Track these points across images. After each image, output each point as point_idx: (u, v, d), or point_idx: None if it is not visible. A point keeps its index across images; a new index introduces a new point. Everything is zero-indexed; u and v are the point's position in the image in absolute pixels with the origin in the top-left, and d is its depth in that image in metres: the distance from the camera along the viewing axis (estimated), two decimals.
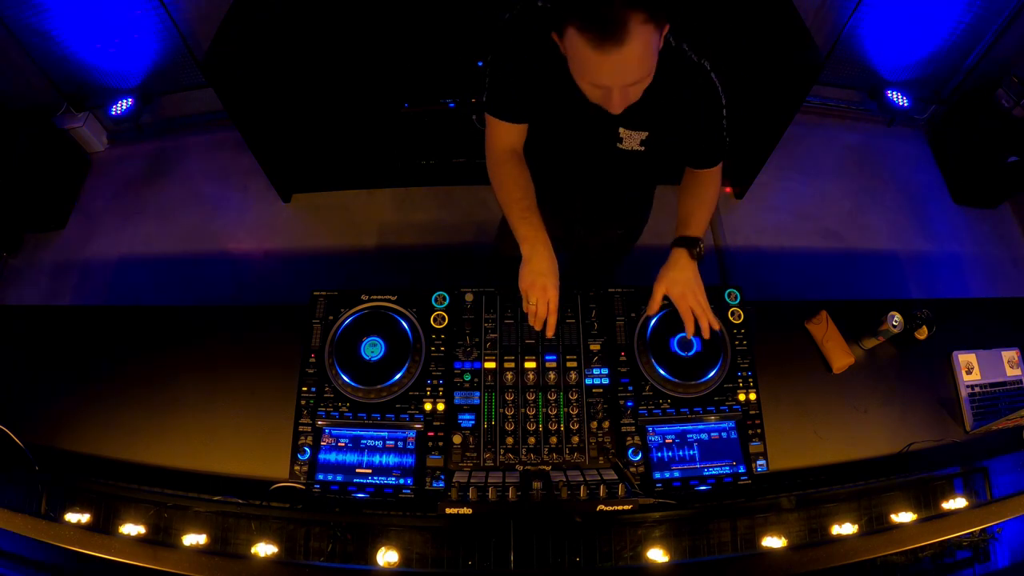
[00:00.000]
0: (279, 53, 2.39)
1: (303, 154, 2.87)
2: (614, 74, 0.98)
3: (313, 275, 2.81)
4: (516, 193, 1.32)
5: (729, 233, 3.01)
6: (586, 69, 0.99)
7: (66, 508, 1.21)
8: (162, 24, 2.78)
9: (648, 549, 1.17)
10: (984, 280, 2.96)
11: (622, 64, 0.95)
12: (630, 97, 1.05)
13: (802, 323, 1.61)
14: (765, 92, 2.51)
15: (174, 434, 1.40)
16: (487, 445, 1.34)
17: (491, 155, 1.35)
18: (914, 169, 3.33)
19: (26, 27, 2.66)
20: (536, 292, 1.30)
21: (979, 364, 1.57)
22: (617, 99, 1.03)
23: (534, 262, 1.30)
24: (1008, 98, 2.80)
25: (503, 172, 1.34)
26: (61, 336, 1.58)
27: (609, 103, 1.05)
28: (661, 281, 1.36)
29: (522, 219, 1.31)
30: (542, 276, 1.29)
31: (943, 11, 2.83)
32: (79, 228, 3.02)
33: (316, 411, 1.36)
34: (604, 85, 1.01)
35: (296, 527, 1.22)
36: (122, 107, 3.02)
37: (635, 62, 0.96)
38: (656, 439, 1.36)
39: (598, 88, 1.02)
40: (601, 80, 1.00)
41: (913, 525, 1.17)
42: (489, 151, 1.35)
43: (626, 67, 0.97)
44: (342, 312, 1.46)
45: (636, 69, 0.98)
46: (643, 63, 0.98)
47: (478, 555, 1.13)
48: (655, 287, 1.37)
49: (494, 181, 1.36)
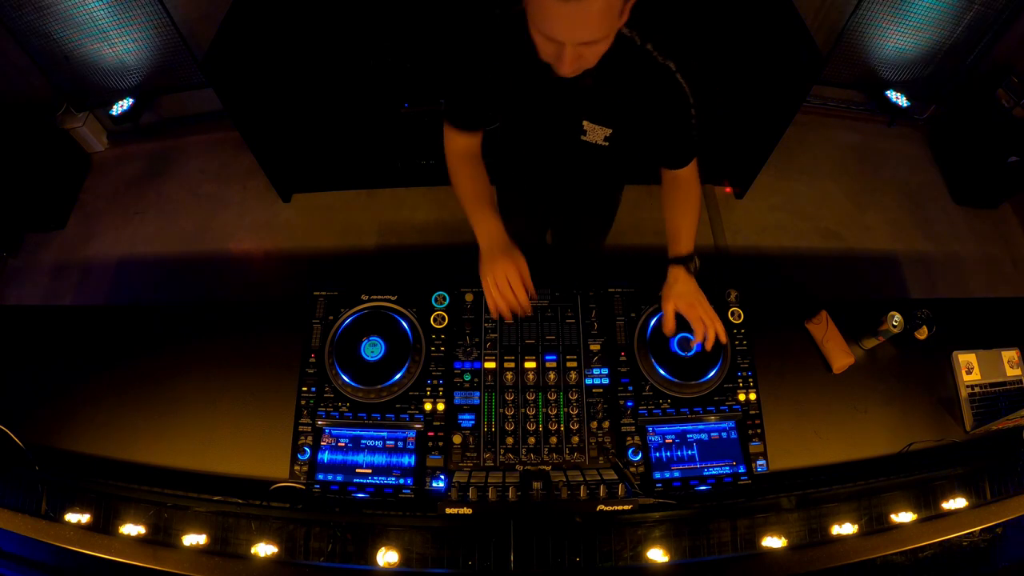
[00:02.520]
0: (279, 53, 2.39)
1: (303, 154, 2.87)
2: (570, 28, 0.93)
3: (313, 275, 2.81)
4: (470, 188, 1.37)
5: (729, 233, 3.01)
6: (543, 18, 0.94)
7: (66, 508, 1.21)
8: (162, 24, 2.78)
9: (648, 549, 1.17)
10: (984, 280, 2.96)
11: (580, 17, 0.91)
12: (583, 60, 1.01)
13: (802, 323, 1.61)
14: (765, 92, 2.51)
15: (174, 434, 1.40)
16: (487, 445, 1.34)
17: (450, 158, 1.39)
18: (914, 169, 3.33)
19: (26, 27, 2.66)
20: (490, 280, 1.30)
21: (979, 364, 1.57)
22: (569, 57, 0.98)
23: (486, 253, 1.32)
24: (1008, 98, 2.80)
25: (461, 172, 1.38)
26: (61, 336, 1.58)
27: (560, 62, 1.00)
28: (668, 299, 1.37)
29: (476, 210, 1.35)
30: (496, 262, 1.30)
31: (943, 11, 2.83)
32: (79, 228, 3.03)
33: (316, 411, 1.36)
34: (558, 39, 0.96)
35: (296, 527, 1.22)
36: (122, 107, 3.02)
37: (593, 18, 0.92)
38: (656, 439, 1.36)
39: (551, 42, 0.98)
40: (556, 32, 0.95)
41: (913, 525, 1.17)
42: (448, 154, 1.39)
43: (583, 22, 0.92)
44: (342, 312, 1.46)
45: (593, 27, 0.94)
46: (601, 22, 0.93)
47: (478, 555, 1.13)
48: (664, 306, 1.38)
49: (453, 180, 1.39)
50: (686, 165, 1.36)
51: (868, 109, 3.41)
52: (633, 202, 1.98)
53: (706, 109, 1.22)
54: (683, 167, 1.36)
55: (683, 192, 1.40)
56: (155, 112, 3.25)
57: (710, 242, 2.97)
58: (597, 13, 0.92)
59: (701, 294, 1.37)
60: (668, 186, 1.41)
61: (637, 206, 2.69)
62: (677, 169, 1.37)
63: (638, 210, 2.74)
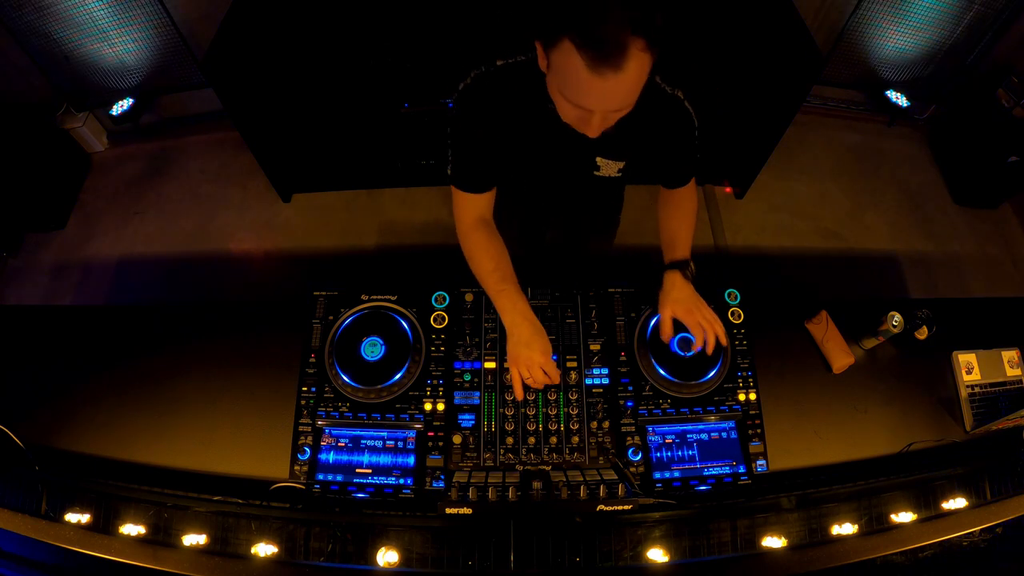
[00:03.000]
0: (279, 53, 2.39)
1: (303, 154, 2.87)
2: (603, 99, 0.92)
3: (313, 275, 2.81)
4: (488, 264, 1.28)
5: (729, 233, 3.01)
6: (574, 88, 0.92)
7: (66, 508, 1.21)
8: (162, 24, 2.78)
9: (648, 549, 1.17)
10: (984, 280, 2.96)
11: (614, 90, 0.90)
12: (608, 123, 1.00)
13: (802, 323, 1.61)
14: (765, 92, 2.51)
15: (174, 434, 1.40)
16: (487, 445, 1.34)
17: (460, 226, 1.31)
18: (914, 169, 3.33)
19: (26, 27, 2.66)
20: (523, 366, 1.25)
21: (979, 364, 1.57)
22: (596, 123, 0.98)
23: (515, 334, 1.25)
24: (1008, 98, 2.80)
25: (473, 242, 1.30)
26: (61, 336, 1.58)
27: (587, 127, 1.00)
28: (665, 305, 1.36)
29: (499, 292, 1.27)
30: (526, 348, 1.24)
31: (943, 11, 2.83)
32: (79, 228, 3.03)
33: (316, 411, 1.36)
34: (588, 108, 0.94)
35: (296, 527, 1.22)
36: (122, 107, 3.02)
37: (627, 89, 0.91)
38: (656, 439, 1.36)
39: (579, 109, 0.95)
40: (587, 103, 0.93)
41: (913, 525, 1.17)
42: (458, 222, 1.31)
43: (617, 94, 0.91)
44: (342, 312, 1.46)
45: (626, 97, 0.93)
46: (633, 91, 0.93)
47: (478, 555, 1.13)
48: (662, 312, 1.37)
49: (466, 252, 1.31)
50: (687, 184, 1.38)
51: (868, 109, 3.41)
52: (634, 202, 1.98)
53: (706, 109, 1.22)
54: (684, 186, 1.38)
55: (681, 206, 1.41)
56: (155, 112, 3.25)
57: (710, 242, 2.97)
58: (632, 84, 0.90)
59: (699, 298, 1.36)
60: (666, 200, 1.43)
61: (638, 206, 2.68)
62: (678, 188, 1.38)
63: (639, 210, 2.73)
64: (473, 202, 1.28)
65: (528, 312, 1.26)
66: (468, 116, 1.17)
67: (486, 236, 1.30)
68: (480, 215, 1.30)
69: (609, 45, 0.83)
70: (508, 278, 1.28)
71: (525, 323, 1.25)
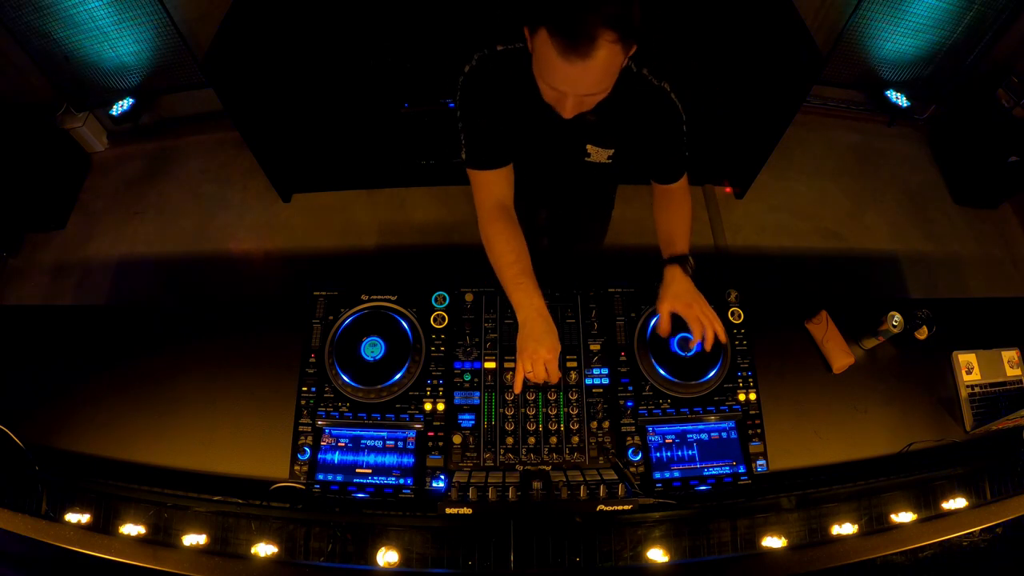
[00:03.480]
0: (279, 53, 2.39)
1: (303, 154, 2.87)
2: (573, 83, 1.01)
3: (313, 275, 2.81)
4: (509, 256, 1.27)
5: (729, 233, 3.01)
6: (547, 71, 1.02)
7: (66, 508, 1.21)
8: (162, 24, 2.78)
9: (648, 549, 1.17)
10: (984, 280, 2.96)
11: (582, 75, 0.98)
12: (583, 105, 1.08)
13: (802, 323, 1.61)
14: (765, 92, 2.51)
15: (174, 434, 1.40)
16: (487, 445, 1.34)
17: (481, 212, 1.31)
18: (914, 169, 3.33)
19: (26, 27, 2.66)
20: (527, 358, 1.25)
21: (979, 364, 1.57)
22: (570, 105, 1.06)
23: (527, 328, 1.26)
24: (1008, 98, 2.80)
25: (495, 231, 1.29)
26: (61, 336, 1.58)
27: (562, 107, 1.08)
28: (664, 300, 1.35)
29: (516, 285, 1.27)
30: (535, 342, 1.25)
31: (943, 11, 2.83)
32: (79, 228, 3.03)
33: (316, 411, 1.36)
34: (560, 90, 1.04)
35: (296, 527, 1.22)
36: (122, 107, 3.02)
37: (595, 76, 0.99)
38: (656, 439, 1.36)
39: (554, 91, 1.05)
40: (559, 85, 1.03)
41: (913, 525, 1.17)
42: (479, 208, 1.31)
43: (585, 79, 1.00)
44: (342, 312, 1.46)
45: (594, 83, 1.02)
46: (602, 79, 1.01)
47: (478, 555, 1.13)
48: (660, 308, 1.36)
49: (485, 242, 1.30)
50: (679, 180, 1.40)
51: (868, 109, 3.41)
52: (633, 201, 1.98)
53: (706, 109, 1.24)
54: (676, 182, 1.40)
55: (676, 203, 1.42)
56: (155, 112, 3.25)
57: (710, 242, 2.97)
58: (600, 71, 0.99)
59: (698, 294, 1.36)
60: (660, 198, 1.44)
61: (636, 205, 2.69)
62: (670, 184, 1.40)
63: (637, 209, 2.74)
64: (491, 182, 1.29)
65: (543, 309, 1.27)
66: (476, 93, 1.22)
67: (508, 227, 1.30)
68: (500, 200, 1.31)
69: (578, 35, 0.92)
70: (527, 272, 1.28)
71: (539, 319, 1.26)
